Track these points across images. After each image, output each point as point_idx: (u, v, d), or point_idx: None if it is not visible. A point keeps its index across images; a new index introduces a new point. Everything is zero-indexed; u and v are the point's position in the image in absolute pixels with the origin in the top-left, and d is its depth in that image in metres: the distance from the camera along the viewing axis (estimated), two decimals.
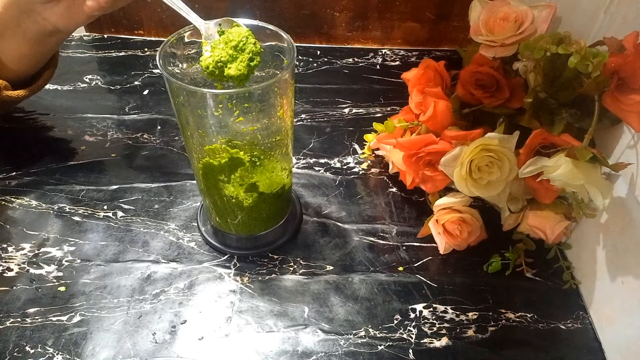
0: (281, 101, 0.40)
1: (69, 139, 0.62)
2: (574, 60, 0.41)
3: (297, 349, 0.43)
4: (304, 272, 0.49)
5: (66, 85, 0.70)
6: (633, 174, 0.42)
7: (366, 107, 0.70)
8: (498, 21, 0.51)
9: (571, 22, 0.55)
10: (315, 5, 0.77)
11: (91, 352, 0.42)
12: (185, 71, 0.42)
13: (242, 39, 0.39)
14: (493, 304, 0.48)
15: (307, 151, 0.63)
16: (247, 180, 0.43)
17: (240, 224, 0.48)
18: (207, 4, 0.77)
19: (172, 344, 0.43)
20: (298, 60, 0.78)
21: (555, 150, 0.44)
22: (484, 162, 0.46)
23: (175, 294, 0.47)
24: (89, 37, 0.81)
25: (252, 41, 0.39)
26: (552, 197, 0.48)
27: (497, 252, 0.51)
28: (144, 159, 0.60)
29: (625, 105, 0.41)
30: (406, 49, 0.82)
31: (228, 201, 0.45)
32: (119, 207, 0.54)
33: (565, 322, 0.47)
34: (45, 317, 0.44)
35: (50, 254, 0.49)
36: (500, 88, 0.51)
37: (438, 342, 0.45)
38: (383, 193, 0.58)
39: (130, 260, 0.49)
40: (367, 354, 0.43)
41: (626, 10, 0.46)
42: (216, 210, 0.48)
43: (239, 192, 0.44)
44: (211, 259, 0.50)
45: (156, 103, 0.68)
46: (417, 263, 0.51)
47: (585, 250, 0.49)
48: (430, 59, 0.57)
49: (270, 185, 0.45)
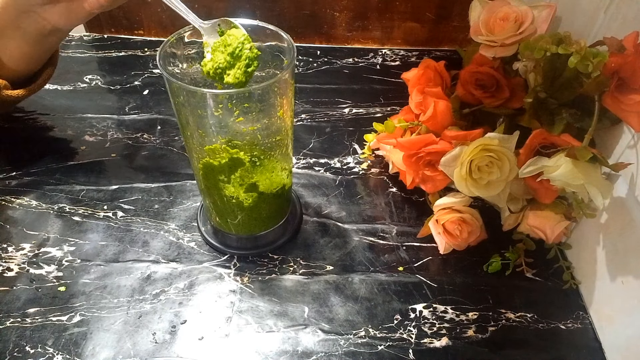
0: (281, 101, 0.40)
1: (69, 139, 0.62)
2: (574, 60, 0.41)
3: (297, 349, 0.43)
4: (304, 272, 0.49)
5: (66, 85, 0.70)
6: (633, 174, 0.42)
7: (366, 107, 0.70)
8: (498, 21, 0.51)
9: (571, 22, 0.55)
10: (315, 5, 0.77)
11: (91, 352, 0.42)
12: (185, 71, 0.42)
13: (238, 45, 0.39)
14: (493, 304, 0.48)
15: (307, 151, 0.63)
16: (247, 180, 0.43)
17: (240, 224, 0.48)
18: (206, 4, 0.77)
19: (172, 344, 0.43)
20: (298, 60, 0.78)
21: (555, 150, 0.44)
22: (484, 162, 0.46)
23: (175, 294, 0.47)
24: (89, 37, 0.81)
25: (248, 46, 0.39)
26: (552, 197, 0.48)
27: (497, 252, 0.51)
28: (144, 159, 0.60)
29: (625, 105, 0.41)
30: (406, 49, 0.82)
31: (228, 201, 0.45)
32: (119, 207, 0.54)
33: (565, 322, 0.47)
34: (45, 317, 0.44)
35: (50, 254, 0.49)
36: (500, 88, 0.51)
37: (438, 342, 0.45)
38: (383, 193, 0.58)
39: (130, 260, 0.49)
40: (367, 354, 0.43)
41: (626, 10, 0.46)
42: (216, 211, 0.48)
43: (239, 193, 0.44)
44: (211, 259, 0.50)
45: (156, 103, 0.68)
46: (417, 263, 0.51)
47: (585, 250, 0.49)
48: (430, 59, 0.57)
49: (270, 186, 0.45)
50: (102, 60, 0.76)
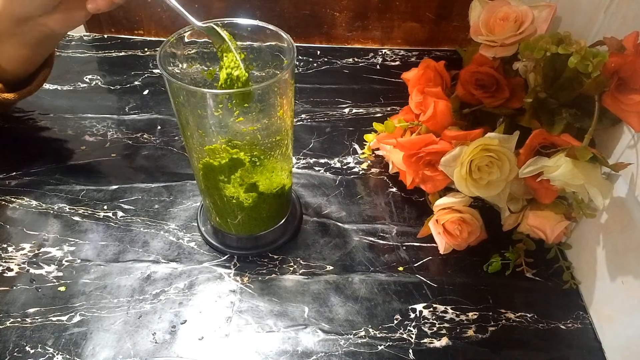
0: (281, 101, 0.40)
1: (69, 139, 0.62)
2: (574, 60, 0.41)
3: (297, 349, 0.43)
4: (304, 272, 0.49)
5: (66, 85, 0.70)
6: (633, 174, 0.42)
7: (366, 107, 0.70)
8: (498, 21, 0.51)
9: (571, 22, 0.55)
10: (315, 5, 0.77)
11: (91, 352, 0.42)
12: (185, 71, 0.42)
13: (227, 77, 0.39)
14: (493, 304, 0.48)
15: (307, 151, 0.63)
16: (247, 180, 0.43)
17: (240, 224, 0.48)
18: (206, 4, 0.77)
19: (172, 344, 0.43)
20: (298, 60, 0.78)
21: (555, 150, 0.44)
22: (484, 162, 0.46)
23: (175, 294, 0.47)
24: (89, 37, 0.81)
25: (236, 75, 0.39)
26: (552, 197, 0.48)
27: (497, 252, 0.51)
28: (144, 159, 0.60)
29: (625, 105, 0.41)
30: (406, 49, 0.81)
31: (228, 201, 0.45)
32: (119, 207, 0.54)
33: (565, 322, 0.47)
34: (45, 317, 0.44)
35: (50, 254, 0.49)
36: (500, 88, 0.51)
37: (438, 342, 0.45)
38: (383, 193, 0.58)
39: (130, 260, 0.49)
40: (367, 354, 0.43)
41: (626, 10, 0.46)
42: (216, 211, 0.48)
43: (239, 193, 0.44)
44: (211, 259, 0.50)
45: (156, 103, 0.68)
46: (417, 263, 0.51)
47: (585, 250, 0.49)
48: (430, 59, 0.57)
49: (270, 186, 0.45)
50: (102, 60, 0.76)
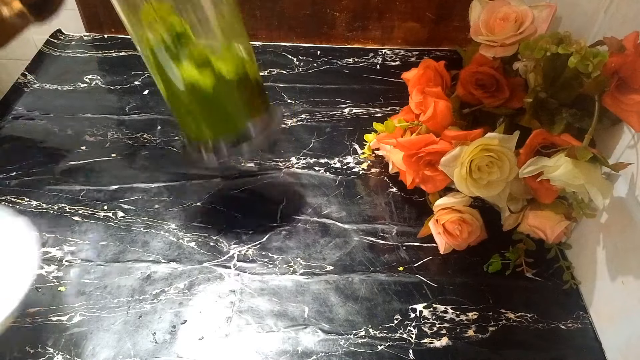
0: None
1: (69, 139, 0.62)
2: (574, 60, 0.41)
3: (297, 349, 0.43)
4: (304, 272, 0.49)
5: (66, 85, 0.70)
6: (633, 174, 0.42)
7: (366, 107, 0.70)
8: (498, 21, 0.51)
9: (571, 22, 0.55)
10: (315, 5, 0.77)
11: (91, 352, 0.42)
12: None
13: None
14: (493, 304, 0.48)
15: (307, 151, 0.63)
16: (197, 54, 0.41)
17: (211, 125, 0.46)
18: None
19: (172, 344, 0.43)
20: (298, 60, 0.78)
21: (555, 150, 0.44)
22: (484, 162, 0.46)
23: (175, 294, 0.47)
24: (89, 37, 0.81)
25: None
26: (552, 197, 0.48)
27: (497, 252, 0.51)
28: (144, 159, 0.60)
29: (625, 105, 0.41)
30: (406, 49, 0.81)
31: (188, 89, 0.43)
32: (119, 207, 0.54)
33: (565, 322, 0.47)
34: (45, 317, 0.44)
35: (50, 254, 0.49)
36: (500, 88, 0.51)
37: (438, 342, 0.45)
38: (383, 193, 0.58)
39: (130, 260, 0.49)
40: (367, 354, 0.43)
41: (626, 10, 0.46)
42: (181, 114, 0.46)
43: (194, 73, 0.42)
44: (211, 259, 0.50)
45: (156, 103, 0.68)
46: (417, 263, 0.51)
47: (585, 250, 0.49)
48: (430, 59, 0.57)
49: (227, 67, 0.43)
50: (102, 60, 0.76)
